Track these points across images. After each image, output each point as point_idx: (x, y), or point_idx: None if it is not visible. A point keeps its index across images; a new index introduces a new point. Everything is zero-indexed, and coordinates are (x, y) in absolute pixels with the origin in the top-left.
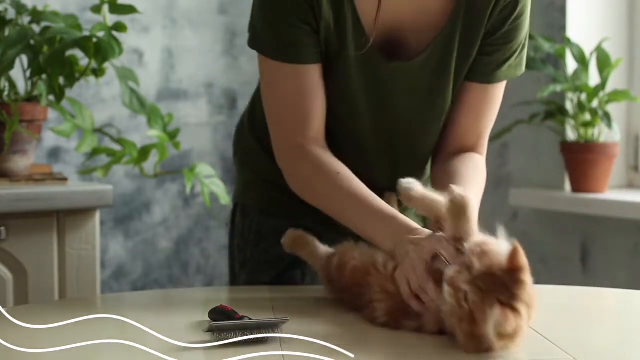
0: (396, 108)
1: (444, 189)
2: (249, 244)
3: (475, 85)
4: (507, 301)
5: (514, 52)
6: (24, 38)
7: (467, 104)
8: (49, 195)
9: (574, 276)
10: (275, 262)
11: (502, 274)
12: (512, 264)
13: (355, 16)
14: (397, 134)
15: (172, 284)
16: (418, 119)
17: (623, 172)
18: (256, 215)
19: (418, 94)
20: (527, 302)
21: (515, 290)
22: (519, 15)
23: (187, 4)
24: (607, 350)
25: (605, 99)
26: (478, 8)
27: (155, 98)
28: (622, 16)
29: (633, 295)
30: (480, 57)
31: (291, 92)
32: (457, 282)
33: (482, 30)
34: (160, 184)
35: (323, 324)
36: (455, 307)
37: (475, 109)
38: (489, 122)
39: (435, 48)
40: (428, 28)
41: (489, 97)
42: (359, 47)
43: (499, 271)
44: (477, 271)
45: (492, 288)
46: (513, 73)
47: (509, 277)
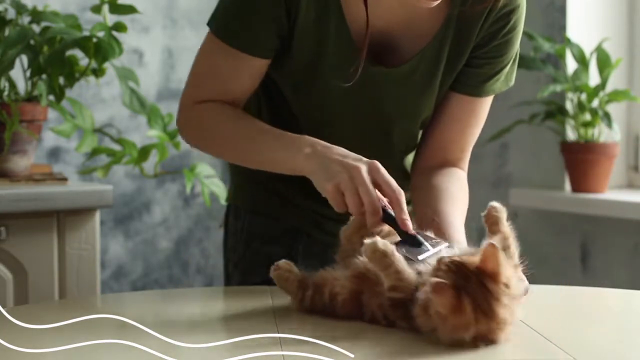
0: (377, 113)
1: (429, 205)
2: (241, 245)
3: (462, 97)
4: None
5: (504, 67)
6: (24, 38)
7: (453, 115)
8: (49, 195)
9: (574, 276)
10: (266, 262)
11: (474, 270)
12: (482, 267)
13: (340, 17)
14: (375, 138)
15: (172, 284)
16: (398, 124)
17: (623, 172)
18: (247, 216)
19: (401, 100)
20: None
21: (481, 293)
22: (511, 29)
23: (187, 4)
24: (607, 350)
25: (605, 99)
26: (470, 19)
27: (155, 98)
28: (622, 16)
29: (633, 295)
30: (469, 69)
31: (223, 68)
32: (444, 258)
33: (472, 42)
34: (160, 184)
35: (323, 324)
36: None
37: (460, 122)
38: (473, 136)
39: (423, 56)
40: (418, 35)
41: (476, 110)
42: (342, 50)
43: (470, 266)
44: (451, 260)
45: (457, 275)
46: (500, 87)
47: (478, 278)
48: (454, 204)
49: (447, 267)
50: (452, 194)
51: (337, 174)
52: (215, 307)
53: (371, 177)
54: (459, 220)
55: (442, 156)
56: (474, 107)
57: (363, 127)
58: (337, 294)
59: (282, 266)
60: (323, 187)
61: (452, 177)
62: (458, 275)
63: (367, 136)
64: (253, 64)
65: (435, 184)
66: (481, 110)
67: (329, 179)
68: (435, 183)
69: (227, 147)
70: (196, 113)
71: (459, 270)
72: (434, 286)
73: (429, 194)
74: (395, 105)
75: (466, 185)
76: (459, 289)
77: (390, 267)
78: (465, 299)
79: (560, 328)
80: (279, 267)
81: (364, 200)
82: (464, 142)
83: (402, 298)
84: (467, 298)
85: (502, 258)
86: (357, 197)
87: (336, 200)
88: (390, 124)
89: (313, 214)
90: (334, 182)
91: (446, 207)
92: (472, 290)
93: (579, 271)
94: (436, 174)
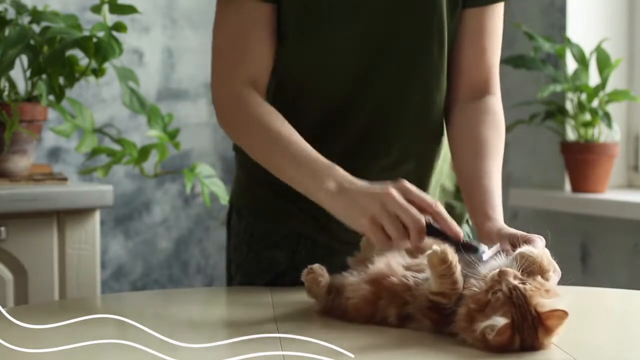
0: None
1: (469, 163)
2: (244, 247)
3: (473, 11)
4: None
5: None
6: (24, 38)
7: (469, 36)
8: (49, 195)
9: (574, 276)
10: (269, 267)
11: (534, 314)
12: (544, 319)
13: None
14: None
15: (172, 284)
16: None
17: (623, 172)
18: (250, 218)
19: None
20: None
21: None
22: None
23: (187, 4)
24: (607, 350)
25: (605, 99)
26: None
27: (155, 98)
28: (622, 16)
29: (633, 295)
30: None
31: (235, 26)
32: (507, 275)
33: None
34: (160, 184)
35: (323, 324)
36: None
37: (478, 40)
38: (493, 52)
39: None
40: None
41: (489, 23)
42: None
43: (533, 309)
44: (515, 287)
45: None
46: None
47: (534, 322)
48: (493, 158)
49: (510, 293)
50: (489, 147)
51: (369, 206)
52: (215, 307)
53: (404, 197)
54: (497, 184)
55: (471, 82)
56: (486, 18)
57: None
58: (352, 299)
59: (316, 270)
60: (358, 224)
61: (486, 116)
62: (518, 310)
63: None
64: (263, 12)
65: (472, 134)
66: (493, 21)
67: (361, 214)
68: (472, 132)
69: (256, 151)
70: (229, 97)
71: (521, 306)
72: (499, 329)
73: (468, 147)
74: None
75: (501, 118)
76: (515, 328)
77: (450, 277)
78: (517, 337)
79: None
80: (313, 271)
81: (406, 222)
82: (486, 59)
83: (445, 304)
84: (519, 337)
85: (565, 321)
86: (397, 222)
87: (376, 233)
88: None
89: (320, 219)
90: (368, 216)
91: (486, 164)
92: (525, 330)
93: (579, 271)
94: (471, 115)
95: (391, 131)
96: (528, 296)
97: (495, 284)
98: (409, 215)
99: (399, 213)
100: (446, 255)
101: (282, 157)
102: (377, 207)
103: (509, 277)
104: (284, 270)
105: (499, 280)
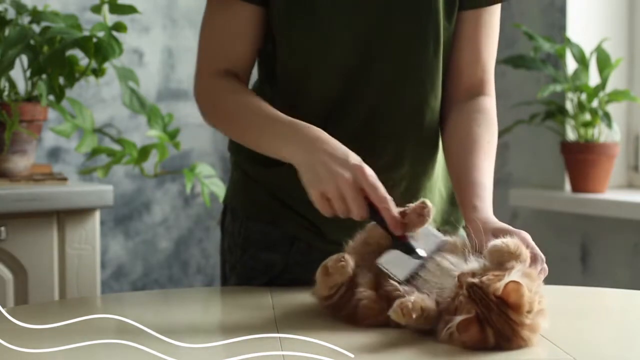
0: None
1: (461, 160)
2: (238, 247)
3: (470, 13)
4: (484, 319)
5: None
6: (24, 38)
7: (465, 36)
8: (49, 195)
9: (574, 276)
10: (265, 268)
11: (496, 300)
12: (505, 299)
13: None
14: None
15: (172, 284)
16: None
17: (623, 172)
18: (244, 219)
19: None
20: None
21: (500, 321)
22: None
23: (187, 4)
24: (607, 350)
25: (605, 99)
26: None
27: (155, 98)
28: (622, 16)
29: (633, 295)
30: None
31: (220, 25)
32: (464, 276)
33: None
34: (160, 184)
35: (323, 324)
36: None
37: (474, 40)
38: (489, 52)
39: None
40: None
41: (486, 24)
42: None
43: (492, 294)
44: (472, 284)
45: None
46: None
47: (500, 308)
48: (484, 153)
49: (468, 292)
50: (479, 144)
51: (323, 181)
52: (215, 306)
53: (357, 184)
54: (487, 178)
55: (466, 82)
56: (483, 20)
57: (372, 52)
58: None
59: (347, 260)
60: (309, 191)
61: (478, 114)
62: (480, 304)
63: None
64: (248, 14)
65: (464, 131)
66: (491, 23)
67: (314, 184)
68: (464, 129)
69: (230, 122)
70: (206, 86)
71: (481, 299)
72: (458, 325)
73: (459, 144)
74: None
75: (493, 117)
76: (482, 321)
77: (421, 318)
78: (489, 330)
79: (560, 328)
80: (344, 259)
81: (351, 210)
82: (482, 61)
83: (430, 325)
84: (491, 329)
85: (525, 290)
86: (344, 206)
87: (322, 205)
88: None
89: (314, 221)
90: (320, 190)
91: (476, 159)
92: (494, 320)
93: (579, 271)
94: (464, 113)
95: (385, 131)
96: (485, 287)
97: (458, 289)
98: (355, 206)
99: (348, 201)
100: (405, 307)
101: (254, 127)
102: (331, 186)
103: (466, 278)
104: (278, 273)
105: (460, 285)
